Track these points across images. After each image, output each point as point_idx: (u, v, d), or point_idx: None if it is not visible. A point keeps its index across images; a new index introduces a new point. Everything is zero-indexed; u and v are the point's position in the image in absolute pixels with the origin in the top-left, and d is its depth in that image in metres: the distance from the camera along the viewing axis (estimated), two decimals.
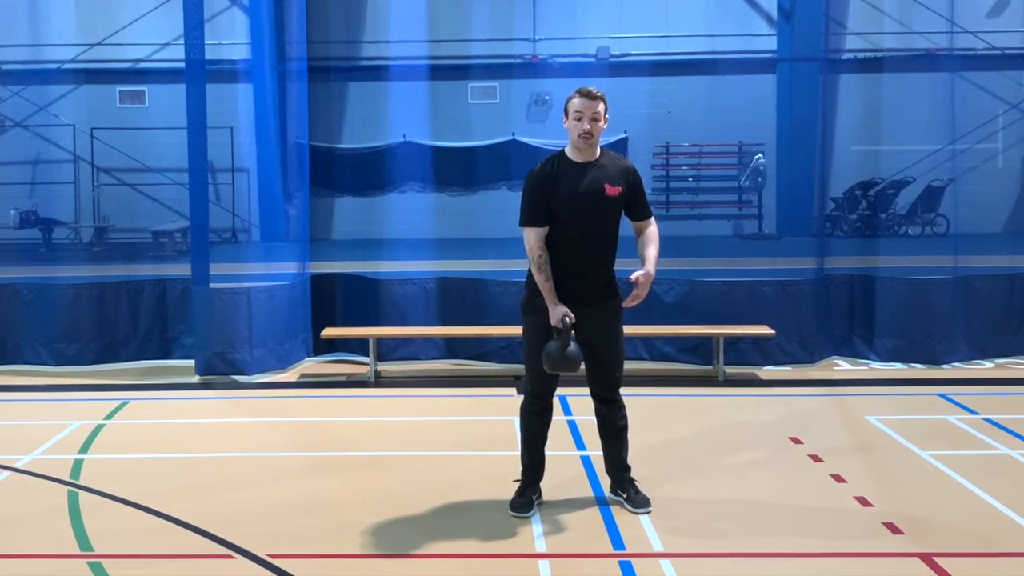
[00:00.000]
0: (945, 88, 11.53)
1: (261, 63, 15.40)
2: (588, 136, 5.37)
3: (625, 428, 5.71)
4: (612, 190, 5.43)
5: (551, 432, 5.72)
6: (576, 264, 5.44)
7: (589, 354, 5.59)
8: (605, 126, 5.45)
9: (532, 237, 5.42)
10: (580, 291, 5.45)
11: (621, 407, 5.68)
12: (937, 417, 7.72)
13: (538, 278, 5.41)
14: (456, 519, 5.58)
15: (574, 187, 5.39)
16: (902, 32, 16.23)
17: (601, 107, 5.38)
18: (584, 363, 5.56)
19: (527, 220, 5.44)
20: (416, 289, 9.92)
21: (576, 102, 5.39)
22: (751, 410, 8.07)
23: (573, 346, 5.33)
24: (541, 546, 5.18)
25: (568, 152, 5.48)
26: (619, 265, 5.61)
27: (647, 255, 5.55)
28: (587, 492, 5.94)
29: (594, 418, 5.76)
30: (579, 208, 5.39)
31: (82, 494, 6.01)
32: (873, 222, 16.15)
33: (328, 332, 9.60)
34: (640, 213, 5.62)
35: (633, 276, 5.46)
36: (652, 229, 5.64)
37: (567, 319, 5.32)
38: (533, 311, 5.52)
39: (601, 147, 5.53)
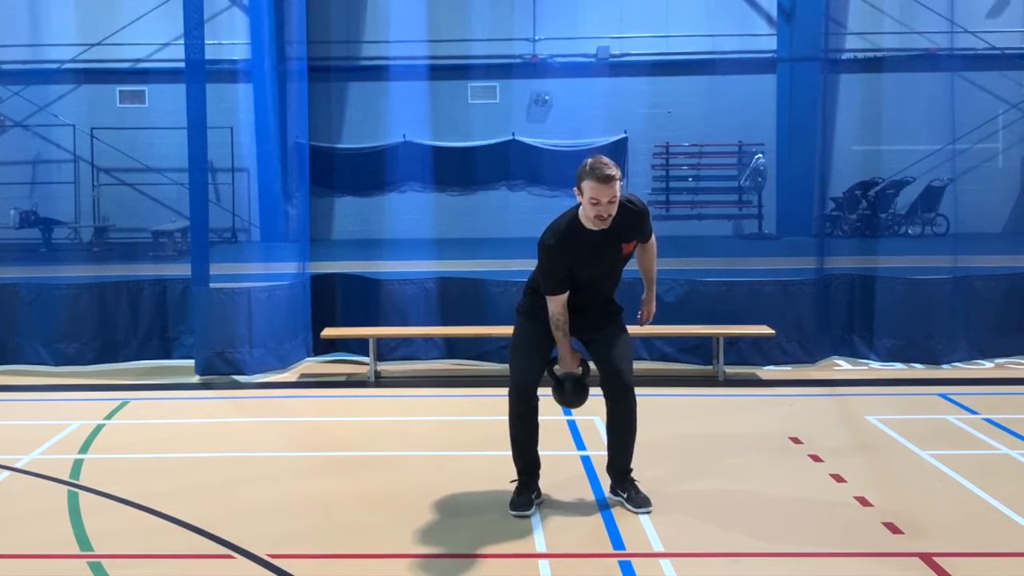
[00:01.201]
0: (945, 88, 11.52)
1: (261, 63, 15.38)
2: (605, 220, 5.28)
3: (634, 431, 5.69)
4: (628, 248, 5.50)
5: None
6: (584, 302, 5.51)
7: (594, 352, 5.62)
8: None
9: (554, 304, 5.42)
10: (582, 315, 5.55)
11: (632, 410, 5.63)
12: (937, 417, 7.71)
13: (556, 335, 5.45)
14: (456, 519, 5.58)
15: (592, 255, 5.39)
16: (902, 32, 16.22)
17: (617, 187, 5.21)
18: (594, 363, 5.61)
19: (549, 291, 5.42)
20: (416, 289, 9.92)
21: (591, 186, 5.17)
22: (751, 410, 8.08)
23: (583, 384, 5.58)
24: (541, 546, 5.18)
25: (582, 219, 5.35)
26: None
27: (648, 274, 5.78)
28: (587, 492, 5.94)
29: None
30: (596, 268, 5.45)
31: (82, 494, 6.01)
32: (873, 222, 16.15)
33: (328, 332, 9.60)
34: (646, 239, 5.68)
35: (640, 321, 5.78)
36: (651, 241, 5.73)
37: (586, 361, 5.54)
38: (530, 314, 5.55)
39: None
